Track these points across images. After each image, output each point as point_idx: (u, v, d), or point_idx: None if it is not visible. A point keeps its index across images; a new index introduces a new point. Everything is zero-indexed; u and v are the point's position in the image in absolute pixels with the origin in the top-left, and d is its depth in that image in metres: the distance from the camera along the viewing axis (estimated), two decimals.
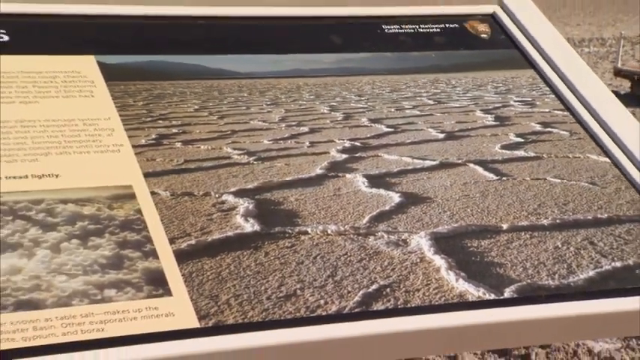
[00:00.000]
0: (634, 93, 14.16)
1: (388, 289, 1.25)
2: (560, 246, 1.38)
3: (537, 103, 1.66)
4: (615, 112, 1.63)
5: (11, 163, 1.28)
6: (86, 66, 1.46)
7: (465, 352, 4.27)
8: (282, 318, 1.19)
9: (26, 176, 1.28)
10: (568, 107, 1.64)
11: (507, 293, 1.28)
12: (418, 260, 1.31)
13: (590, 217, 1.45)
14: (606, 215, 1.46)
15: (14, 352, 1.07)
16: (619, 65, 15.97)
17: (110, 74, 1.46)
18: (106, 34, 1.53)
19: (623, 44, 18.22)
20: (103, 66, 1.46)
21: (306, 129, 1.51)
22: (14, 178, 1.27)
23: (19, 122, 1.34)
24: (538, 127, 1.61)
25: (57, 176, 1.29)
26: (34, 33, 1.49)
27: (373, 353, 1.24)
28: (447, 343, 1.33)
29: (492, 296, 1.27)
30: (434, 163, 1.49)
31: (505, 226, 1.40)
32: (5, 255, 1.17)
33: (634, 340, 4.77)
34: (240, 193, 1.36)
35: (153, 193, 1.32)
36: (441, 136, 1.55)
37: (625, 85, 15.02)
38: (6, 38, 1.44)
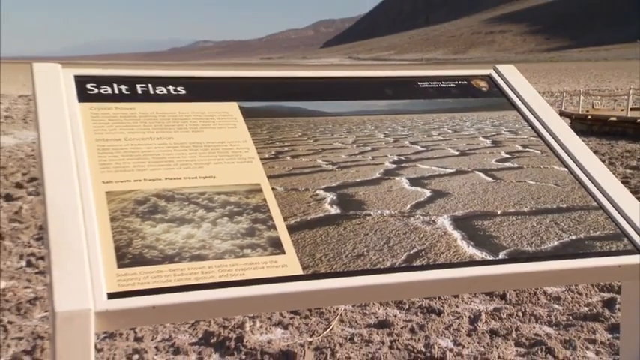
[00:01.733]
0: (573, 127, 14.31)
1: (423, 252, 1.28)
2: (535, 225, 1.39)
3: (519, 133, 1.66)
4: (568, 138, 1.64)
5: (187, 169, 1.33)
6: (232, 109, 1.50)
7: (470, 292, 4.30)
8: (354, 269, 1.22)
9: (196, 177, 1.32)
10: (539, 135, 1.65)
11: (500, 255, 1.30)
12: (442, 234, 1.33)
13: (554, 207, 1.45)
14: (565, 205, 1.46)
15: (190, 286, 1.12)
16: (562, 109, 17.62)
17: (246, 114, 1.50)
18: (243, 89, 1.57)
19: (565, 96, 19.87)
20: (242, 109, 1.51)
21: (369, 148, 1.53)
22: (189, 178, 1.32)
23: (192, 144, 1.39)
24: (520, 148, 1.61)
25: (214, 177, 1.34)
26: (201, 88, 1.52)
27: (413, 293, 1.27)
28: (460, 287, 1.35)
29: (491, 257, 1.30)
30: (452, 170, 1.51)
31: (499, 212, 1.41)
32: (183, 226, 1.22)
33: (573, 285, 4.69)
34: (327, 189, 1.39)
35: (273, 189, 1.35)
36: (457, 153, 1.57)
37: (566, 122, 15.36)
38: (184, 92, 1.49)
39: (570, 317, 4.19)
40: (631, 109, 16.44)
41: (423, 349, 3.68)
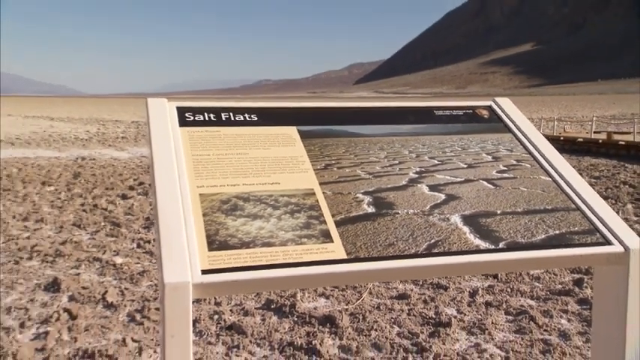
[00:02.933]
0: None
1: (440, 242, 1.25)
2: (526, 222, 1.36)
3: (513, 150, 1.62)
4: (552, 154, 1.60)
5: (259, 177, 1.33)
6: (291, 131, 1.50)
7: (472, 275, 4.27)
8: (386, 255, 1.20)
9: (265, 183, 1.32)
10: (529, 152, 1.61)
11: (500, 245, 1.27)
12: (454, 228, 1.30)
13: (542, 208, 1.41)
14: (550, 207, 1.42)
15: (261, 266, 1.12)
16: (541, 132, 17.38)
17: (302, 135, 1.50)
18: (299, 116, 1.56)
19: (542, 122, 19.82)
20: (299, 131, 1.51)
21: (397, 162, 1.50)
22: (260, 184, 1.31)
23: (262, 158, 1.39)
24: (514, 162, 1.57)
25: (279, 183, 1.33)
26: (268, 116, 1.52)
27: (432, 274, 1.25)
28: (468, 270, 1.32)
29: (492, 247, 1.27)
30: (461, 179, 1.48)
31: (498, 212, 1.38)
32: (256, 220, 1.22)
33: (551, 268, 4.60)
34: (365, 193, 1.37)
35: (323, 192, 1.34)
36: (465, 166, 1.53)
37: None
38: (255, 118, 1.50)
39: (548, 293, 4.12)
40: (594, 132, 16.50)
41: (434, 316, 3.64)
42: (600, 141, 15.10)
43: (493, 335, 3.39)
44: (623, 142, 14.46)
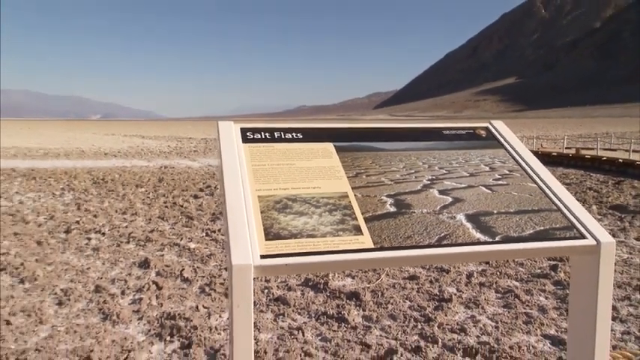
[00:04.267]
0: None
1: (448, 236, 1.21)
2: (517, 220, 1.31)
3: (506, 162, 1.56)
4: (536, 166, 1.54)
5: (304, 182, 1.31)
6: (329, 147, 1.47)
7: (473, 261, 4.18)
8: (405, 245, 1.17)
9: (308, 187, 1.30)
10: (518, 164, 1.55)
11: (496, 239, 1.23)
12: (459, 225, 1.26)
13: (530, 208, 1.36)
14: (536, 208, 1.37)
15: (306, 253, 1.10)
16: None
17: (338, 149, 1.47)
18: (335, 134, 1.53)
19: (523, 139, 19.02)
20: (335, 146, 1.48)
21: (413, 171, 1.47)
22: (305, 188, 1.29)
23: (306, 167, 1.37)
24: (507, 172, 1.52)
25: (320, 188, 1.31)
26: (310, 134, 1.50)
27: (442, 261, 1.21)
28: (471, 258, 1.27)
29: (490, 240, 1.22)
30: (464, 185, 1.43)
31: (495, 212, 1.33)
32: (302, 217, 1.20)
33: (542, 257, 4.47)
34: (387, 196, 1.34)
35: (355, 195, 1.31)
36: (467, 174, 1.48)
37: None
38: (301, 136, 1.48)
39: (529, 275, 3.99)
40: (565, 148, 16.22)
41: (438, 293, 3.56)
42: (570, 155, 15.06)
43: (485, 309, 3.30)
44: (588, 156, 14.33)
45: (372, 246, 1.16)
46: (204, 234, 5.63)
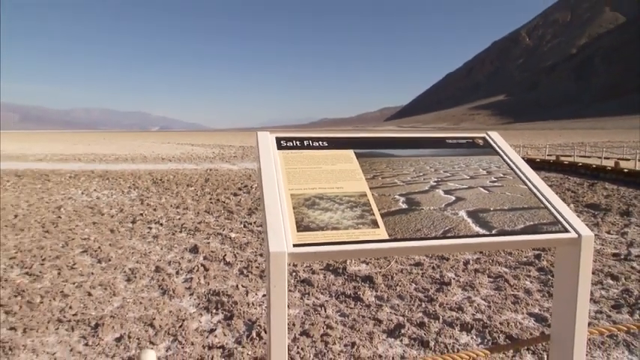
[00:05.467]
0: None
1: (451, 229, 1.17)
2: (511, 216, 1.25)
3: (501, 167, 1.51)
4: (526, 170, 1.49)
5: (328, 183, 1.28)
6: (349, 153, 1.44)
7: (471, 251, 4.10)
8: (415, 237, 1.13)
9: (333, 187, 1.27)
10: (511, 168, 1.50)
11: (493, 232, 1.18)
12: (461, 220, 1.22)
13: (521, 206, 1.31)
14: (527, 206, 1.31)
15: (331, 243, 1.07)
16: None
17: (357, 155, 1.44)
18: (354, 143, 1.50)
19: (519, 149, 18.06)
20: (355, 153, 1.45)
21: (421, 174, 1.42)
22: (330, 188, 1.27)
23: (331, 170, 1.34)
24: (501, 175, 1.47)
25: (342, 188, 1.28)
26: (334, 142, 1.47)
27: (446, 251, 1.17)
28: (471, 248, 1.23)
29: (488, 233, 1.18)
30: (465, 187, 1.38)
31: (492, 209, 1.28)
32: (328, 212, 1.17)
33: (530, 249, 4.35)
34: (400, 195, 1.30)
35: (372, 194, 1.28)
36: (468, 177, 1.44)
37: None
38: (326, 144, 1.45)
39: (517, 263, 3.88)
40: (547, 155, 15.82)
41: (439, 278, 3.49)
42: (551, 161, 14.71)
43: (479, 291, 3.22)
44: (566, 162, 13.96)
45: (387, 237, 1.13)
46: (242, 225, 5.66)
